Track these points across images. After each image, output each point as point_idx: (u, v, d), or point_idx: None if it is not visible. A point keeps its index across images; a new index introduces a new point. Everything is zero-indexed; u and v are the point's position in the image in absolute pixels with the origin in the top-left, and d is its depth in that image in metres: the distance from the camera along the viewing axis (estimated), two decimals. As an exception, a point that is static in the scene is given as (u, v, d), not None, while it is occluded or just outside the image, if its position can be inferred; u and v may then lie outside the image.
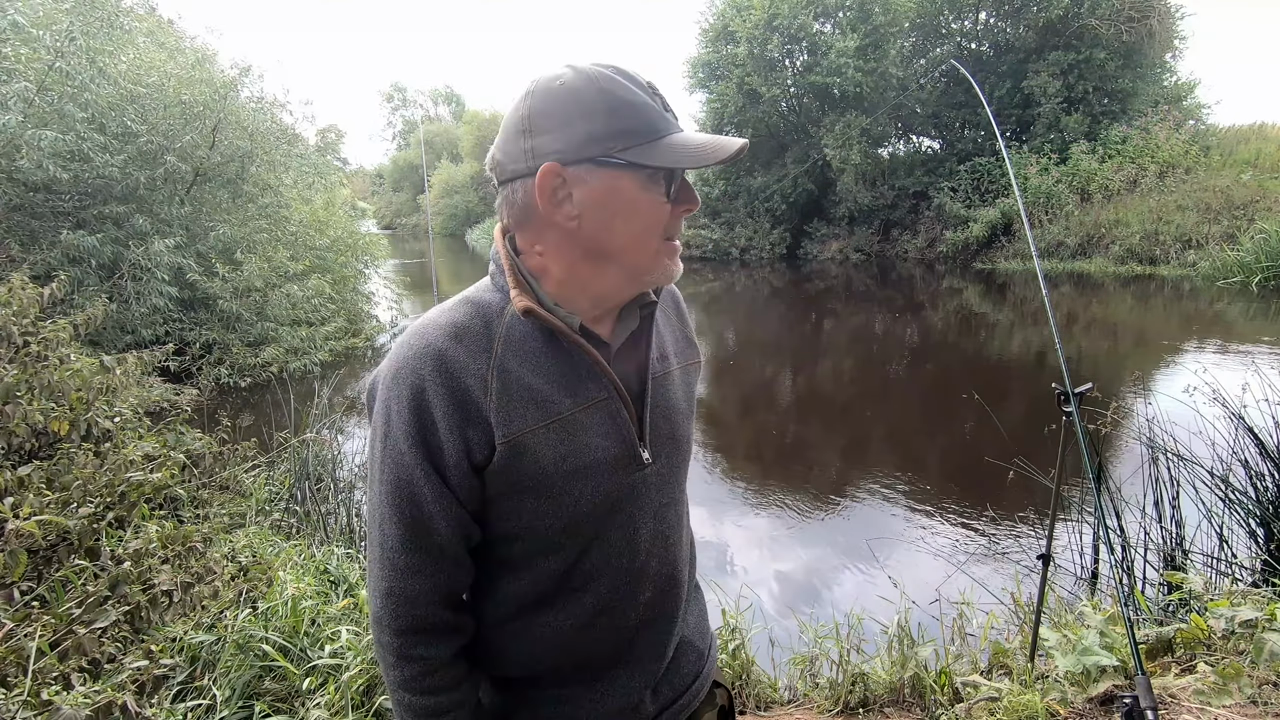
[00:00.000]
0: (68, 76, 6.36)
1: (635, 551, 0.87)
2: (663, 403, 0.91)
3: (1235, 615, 2.16)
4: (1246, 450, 3.07)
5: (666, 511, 0.92)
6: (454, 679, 0.84)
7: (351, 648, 2.25)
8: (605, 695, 0.90)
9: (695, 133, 0.79)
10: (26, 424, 2.54)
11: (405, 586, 0.80)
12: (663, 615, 0.93)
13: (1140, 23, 14.64)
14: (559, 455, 0.80)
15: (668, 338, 0.96)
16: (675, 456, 0.93)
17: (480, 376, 0.78)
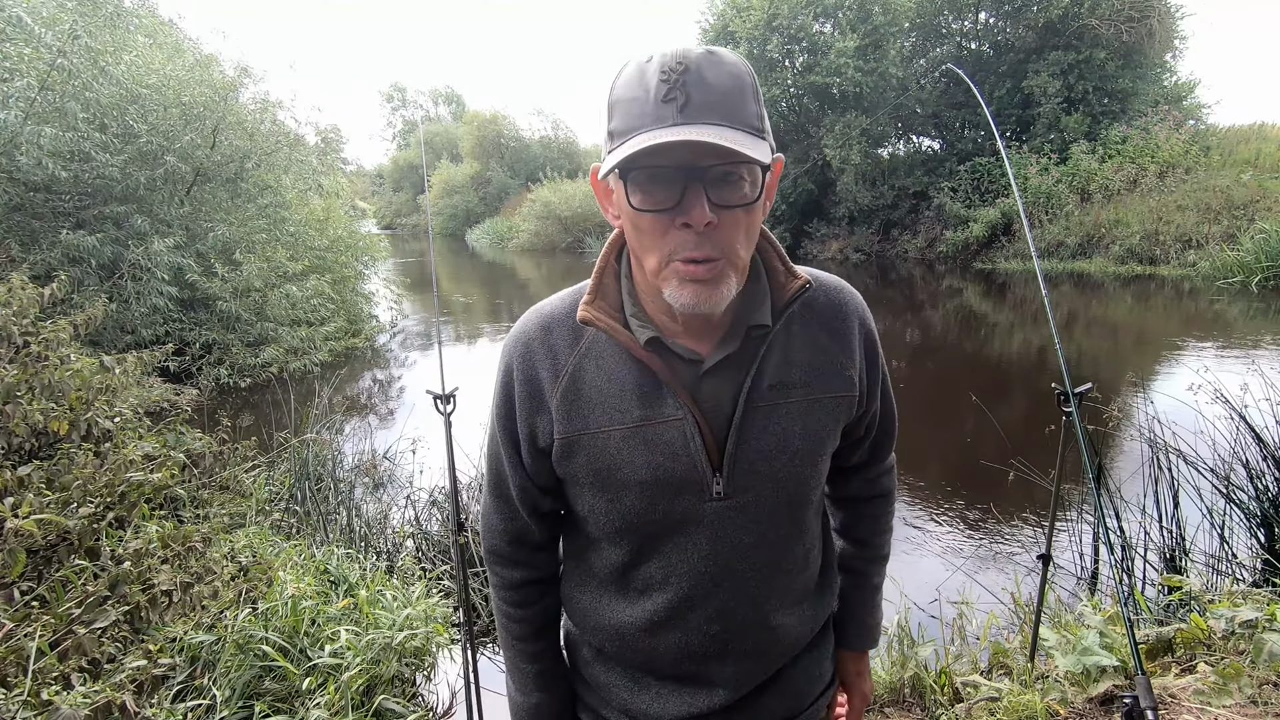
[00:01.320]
0: (70, 75, 6.36)
1: (701, 580, 0.84)
2: (760, 435, 0.80)
3: (1235, 615, 2.16)
4: (1247, 450, 3.07)
5: (751, 553, 0.84)
6: (522, 600, 0.97)
7: (351, 647, 2.25)
8: (645, 698, 0.92)
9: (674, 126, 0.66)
10: (26, 424, 2.54)
11: (488, 518, 0.97)
12: (741, 653, 0.88)
13: (1140, 23, 14.63)
14: (614, 463, 0.81)
15: (800, 364, 0.83)
16: (769, 496, 0.83)
17: (554, 371, 0.83)
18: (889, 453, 1.03)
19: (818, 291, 0.88)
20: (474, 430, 4.25)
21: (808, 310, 0.86)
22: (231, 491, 3.49)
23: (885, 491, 1.05)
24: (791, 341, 0.84)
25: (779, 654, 0.92)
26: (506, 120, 34.45)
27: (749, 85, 0.70)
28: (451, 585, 3.22)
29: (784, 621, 0.90)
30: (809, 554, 0.92)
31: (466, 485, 4.00)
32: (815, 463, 0.85)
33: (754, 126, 0.69)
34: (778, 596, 0.88)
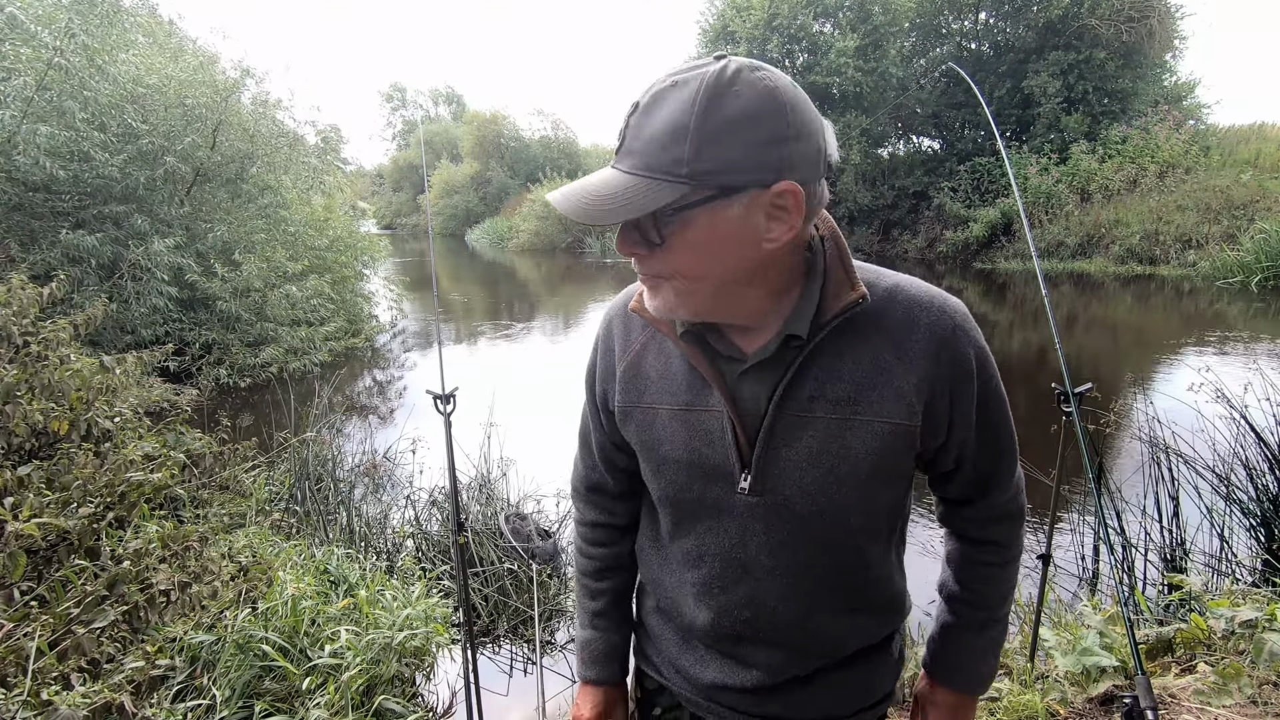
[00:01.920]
0: (67, 74, 6.36)
1: (731, 566, 0.89)
2: (790, 444, 0.81)
3: (1235, 615, 2.16)
4: (1247, 450, 3.07)
5: (779, 552, 0.86)
6: (592, 539, 1.07)
7: (351, 647, 2.25)
8: (690, 659, 0.99)
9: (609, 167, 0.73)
10: (26, 424, 2.54)
11: (575, 461, 1.10)
12: (771, 642, 0.91)
13: (1140, 23, 14.64)
14: (659, 438, 0.89)
15: (848, 379, 0.80)
16: (800, 505, 0.83)
17: (625, 346, 0.93)
18: (1001, 497, 0.92)
19: (891, 305, 0.81)
20: (474, 430, 4.26)
21: (870, 324, 0.80)
22: (231, 491, 3.49)
23: (995, 540, 0.94)
24: (842, 354, 0.80)
25: (817, 653, 0.92)
26: (506, 120, 34.42)
27: (680, 125, 0.67)
28: (451, 585, 3.22)
29: (824, 624, 0.90)
30: (868, 577, 0.90)
31: (466, 485, 4.00)
32: (863, 488, 0.82)
33: (668, 171, 0.67)
34: (815, 600, 0.88)
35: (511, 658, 3.03)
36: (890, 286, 0.82)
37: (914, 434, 0.81)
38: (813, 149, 0.71)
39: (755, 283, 0.77)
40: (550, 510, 4.09)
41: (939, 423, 0.82)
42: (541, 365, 8.73)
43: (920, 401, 0.80)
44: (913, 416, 0.80)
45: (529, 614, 3.13)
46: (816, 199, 0.74)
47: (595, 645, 1.06)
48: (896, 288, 0.82)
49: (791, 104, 0.69)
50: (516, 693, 2.84)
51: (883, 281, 0.83)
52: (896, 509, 0.90)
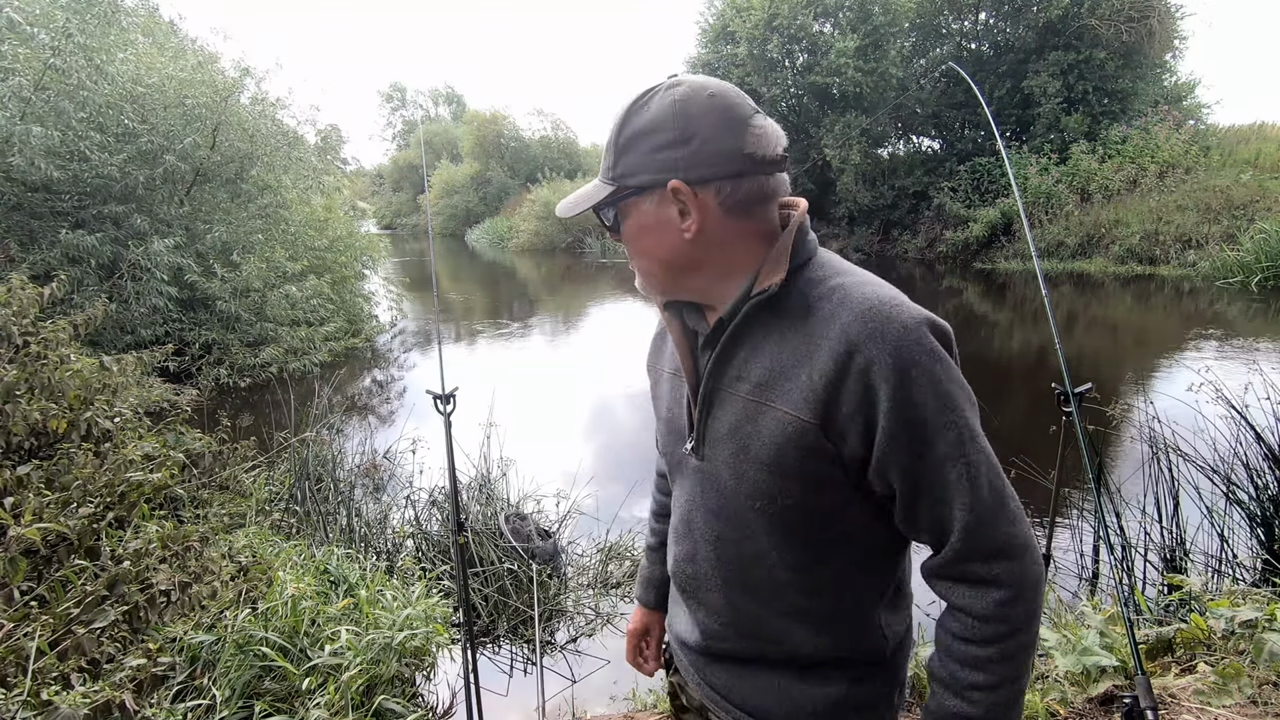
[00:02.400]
0: (64, 74, 6.35)
1: (685, 521, 0.97)
2: (717, 417, 0.87)
3: (1235, 615, 2.16)
4: (1247, 450, 3.07)
5: (713, 520, 0.91)
6: (659, 486, 1.23)
7: (351, 647, 2.25)
8: (674, 611, 1.08)
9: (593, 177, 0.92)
10: (26, 423, 2.54)
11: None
12: (707, 606, 0.96)
13: (1140, 23, 14.63)
14: (654, 396, 1.05)
15: (763, 365, 0.83)
16: (727, 477, 0.87)
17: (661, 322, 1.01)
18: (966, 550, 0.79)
19: (825, 300, 0.81)
20: (474, 430, 4.26)
21: (801, 315, 0.82)
22: (231, 491, 3.49)
23: (965, 609, 0.81)
24: (769, 340, 0.83)
25: (747, 637, 0.92)
26: (506, 120, 34.40)
27: (611, 139, 0.85)
28: (451, 585, 3.22)
29: (750, 609, 0.91)
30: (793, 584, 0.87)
31: (466, 485, 4.00)
32: (766, 475, 0.82)
33: (605, 175, 0.86)
34: (739, 580, 0.90)
35: (511, 658, 3.03)
36: (836, 284, 0.82)
37: (812, 432, 0.78)
38: (710, 150, 0.79)
39: (701, 267, 0.86)
40: (550, 510, 4.09)
41: (847, 430, 0.78)
42: (541, 365, 8.73)
43: (820, 399, 0.77)
44: (810, 413, 0.78)
45: (529, 614, 3.13)
46: (726, 194, 0.81)
47: (643, 572, 1.25)
48: (840, 286, 0.81)
49: (684, 114, 0.79)
50: (516, 693, 2.84)
51: (832, 279, 0.83)
52: (825, 519, 0.84)
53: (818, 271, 0.85)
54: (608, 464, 5.14)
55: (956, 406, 0.77)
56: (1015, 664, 0.80)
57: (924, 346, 0.76)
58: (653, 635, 1.25)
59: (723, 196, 0.81)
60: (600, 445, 5.78)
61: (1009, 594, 0.79)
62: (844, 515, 0.84)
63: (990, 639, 0.79)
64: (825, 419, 0.78)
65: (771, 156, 0.81)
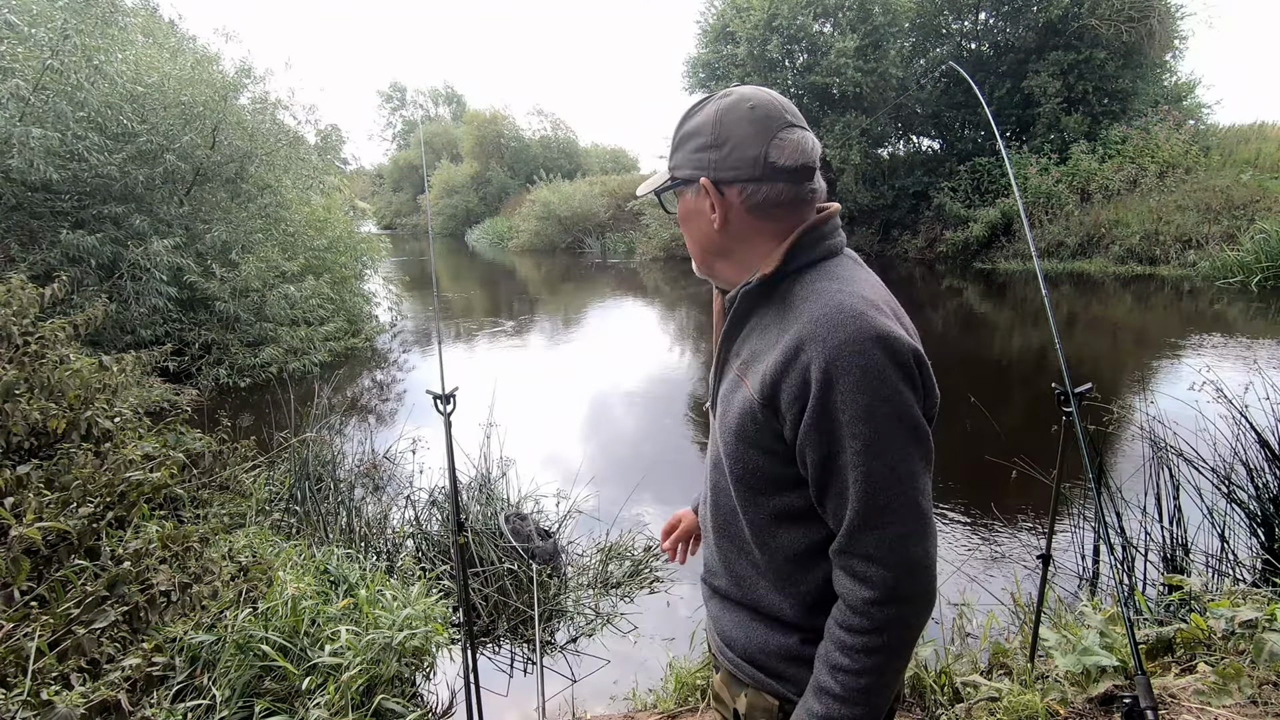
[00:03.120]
0: (62, 75, 6.34)
1: (708, 460, 1.09)
2: (722, 383, 1.02)
3: (1235, 615, 2.16)
4: (1248, 450, 3.07)
5: (713, 469, 1.05)
6: None
7: (351, 647, 2.25)
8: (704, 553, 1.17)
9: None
10: (25, 423, 2.54)
11: None
12: (707, 544, 1.11)
13: (1140, 23, 14.62)
14: (712, 359, 1.10)
15: (750, 347, 0.96)
16: (719, 434, 1.00)
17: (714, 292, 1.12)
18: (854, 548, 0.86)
19: (802, 299, 0.90)
20: (474, 430, 4.26)
21: (783, 309, 0.92)
22: (231, 491, 3.49)
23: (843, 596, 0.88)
24: (758, 326, 0.96)
25: (729, 577, 1.05)
26: (506, 120, 34.41)
27: (686, 132, 0.97)
28: (451, 585, 3.22)
29: (729, 554, 1.04)
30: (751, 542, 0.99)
31: (466, 485, 4.00)
32: (734, 442, 0.95)
33: (667, 167, 1.02)
34: (720, 527, 1.04)
35: (511, 658, 3.03)
36: (820, 287, 0.90)
37: (760, 409, 0.89)
38: (737, 156, 0.91)
39: (728, 255, 0.99)
40: (550, 510, 4.09)
41: (786, 416, 0.87)
42: (541, 365, 8.73)
43: (769, 384, 0.88)
44: (761, 395, 0.89)
45: (529, 614, 3.13)
46: (748, 195, 0.92)
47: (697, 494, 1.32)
48: (822, 289, 0.89)
49: (722, 121, 0.92)
50: (516, 693, 2.84)
51: (819, 282, 0.91)
52: (779, 493, 0.94)
53: (817, 274, 0.93)
54: (608, 464, 5.14)
55: (871, 420, 0.82)
56: (877, 658, 0.86)
57: (861, 360, 0.82)
58: (683, 526, 1.37)
59: (745, 196, 0.93)
60: (600, 445, 5.78)
61: (878, 595, 0.84)
62: (788, 491, 0.94)
63: (857, 629, 0.86)
64: (771, 402, 0.88)
65: (792, 166, 0.91)
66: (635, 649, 3.08)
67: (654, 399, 6.97)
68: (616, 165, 33.84)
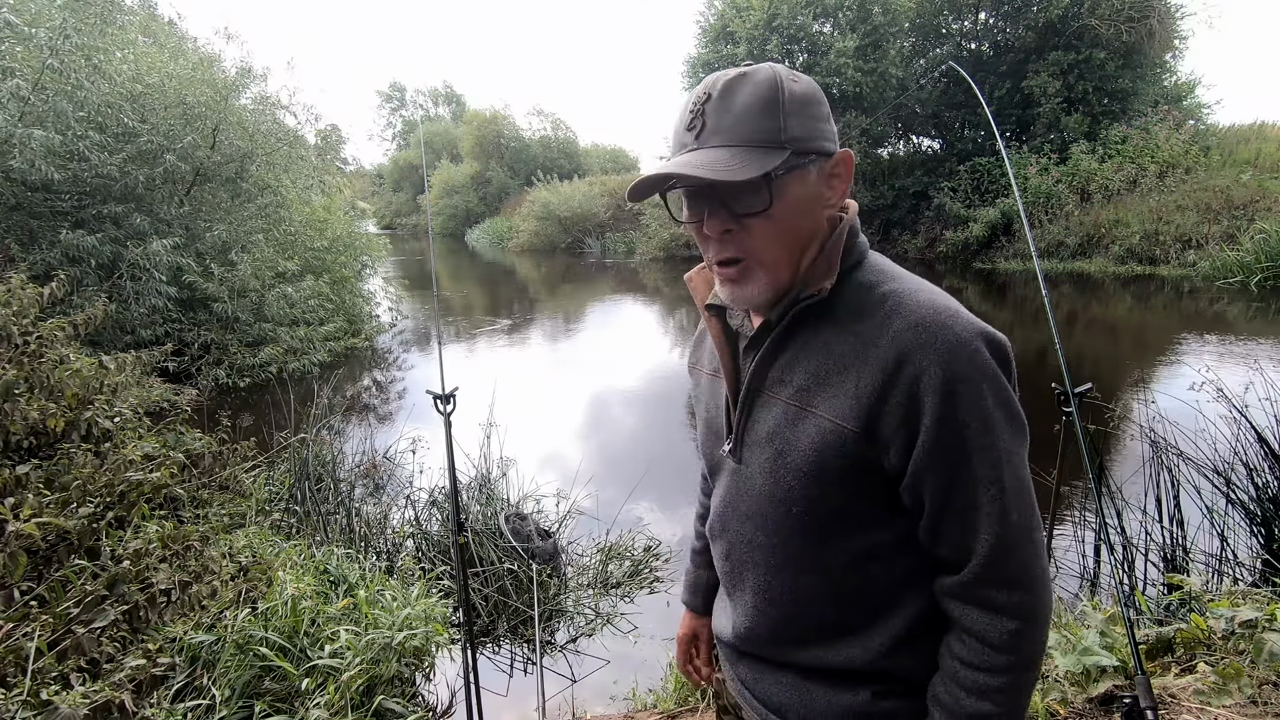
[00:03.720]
0: (62, 74, 6.34)
1: (720, 520, 0.95)
2: (757, 421, 0.86)
3: (1235, 615, 2.16)
4: (1248, 450, 3.07)
5: (746, 522, 0.89)
6: (704, 489, 1.16)
7: (351, 648, 2.25)
8: (717, 606, 1.06)
9: (684, 153, 0.80)
10: (25, 422, 2.53)
11: None
12: (740, 605, 0.95)
13: (1140, 23, 14.62)
14: (695, 396, 1.04)
15: (805, 369, 0.82)
16: (760, 483, 0.85)
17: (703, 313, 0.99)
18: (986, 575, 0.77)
19: (877, 307, 0.79)
20: (474, 430, 4.26)
21: (850, 321, 0.80)
22: (231, 491, 3.49)
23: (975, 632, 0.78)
24: (814, 345, 0.82)
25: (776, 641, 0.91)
26: (506, 120, 34.42)
27: (769, 99, 0.77)
28: (451, 585, 3.22)
29: (780, 614, 0.89)
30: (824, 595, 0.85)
31: (466, 485, 4.00)
32: (804, 483, 0.80)
33: (766, 139, 0.76)
34: (771, 585, 0.89)
35: (511, 658, 3.03)
36: (888, 290, 0.80)
37: (854, 441, 0.77)
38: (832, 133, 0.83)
39: (803, 253, 0.84)
40: (550, 510, 4.09)
41: (891, 442, 0.76)
42: (541, 365, 8.73)
43: (865, 408, 0.76)
44: (854, 422, 0.76)
45: (529, 614, 3.13)
46: None
47: (689, 576, 1.22)
48: (894, 292, 0.80)
49: (820, 94, 0.83)
50: (516, 693, 2.84)
51: (884, 285, 0.81)
52: (862, 530, 0.82)
53: (869, 276, 0.83)
54: (607, 464, 5.14)
55: (999, 429, 0.75)
56: (1020, 696, 0.78)
57: (976, 363, 0.75)
58: (702, 640, 1.21)
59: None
60: (599, 445, 5.77)
61: (1023, 625, 0.77)
62: (879, 527, 0.82)
63: (1000, 669, 0.77)
64: (869, 428, 0.76)
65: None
66: (635, 649, 3.08)
67: (654, 398, 6.96)
68: (616, 165, 33.86)
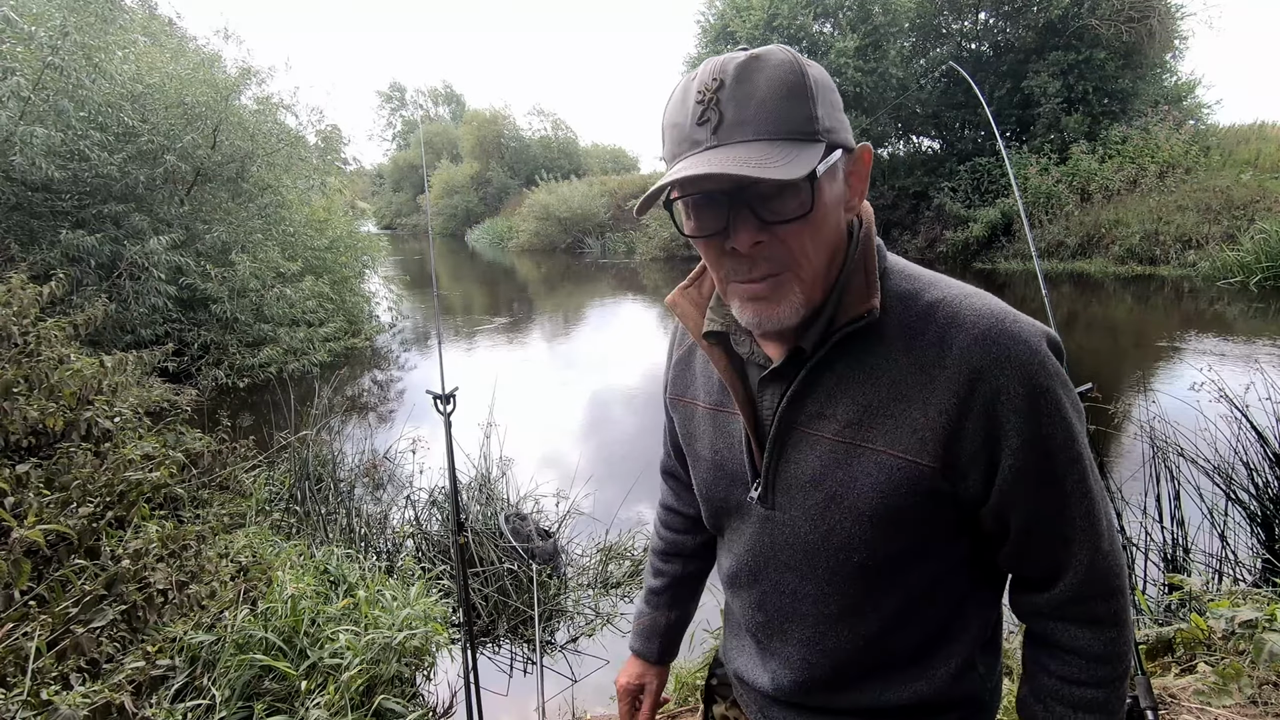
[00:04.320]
0: (62, 73, 6.34)
1: (750, 570, 0.85)
2: (795, 461, 0.76)
3: (1235, 615, 2.16)
4: (1248, 450, 3.07)
5: (787, 573, 0.80)
6: (663, 521, 1.11)
7: (351, 647, 2.25)
8: (735, 646, 0.96)
9: (701, 151, 0.66)
10: (24, 422, 2.53)
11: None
12: (780, 656, 0.85)
13: (1140, 23, 14.62)
14: (694, 433, 0.90)
15: (853, 400, 0.72)
16: (805, 529, 0.76)
17: (679, 340, 0.95)
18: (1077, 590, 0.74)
19: (928, 322, 0.70)
20: (474, 430, 4.26)
21: (900, 341, 0.71)
22: (231, 491, 3.49)
23: (1070, 648, 0.76)
24: (859, 372, 0.72)
25: (821, 688, 0.83)
26: (506, 120, 34.44)
27: (796, 84, 0.65)
28: (451, 585, 3.22)
29: (830, 664, 0.82)
30: (886, 637, 0.79)
31: (466, 485, 4.00)
32: (867, 526, 0.72)
33: (802, 130, 0.65)
34: (821, 634, 0.81)
35: (511, 658, 3.03)
36: (934, 300, 0.71)
37: (930, 476, 0.69)
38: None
39: (831, 264, 0.72)
40: (550, 510, 4.09)
41: (969, 470, 0.69)
42: (541, 365, 8.73)
43: (940, 439, 0.68)
44: (928, 455, 0.68)
45: (529, 614, 3.13)
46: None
47: (643, 619, 1.11)
48: (941, 301, 0.71)
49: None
50: (516, 693, 2.83)
51: (927, 294, 0.72)
52: (925, 563, 0.76)
53: (904, 284, 0.74)
54: (607, 464, 5.14)
55: (1080, 438, 0.70)
56: (1123, 699, 0.76)
57: (1049, 369, 0.68)
58: (649, 692, 1.09)
59: None
60: (599, 445, 5.77)
61: (1121, 631, 0.74)
62: (945, 558, 0.77)
63: (1105, 680, 0.74)
64: (945, 459, 0.69)
65: None
66: (635, 649, 3.07)
67: (654, 398, 6.93)
68: (616, 165, 33.88)
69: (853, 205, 0.73)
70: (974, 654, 0.81)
